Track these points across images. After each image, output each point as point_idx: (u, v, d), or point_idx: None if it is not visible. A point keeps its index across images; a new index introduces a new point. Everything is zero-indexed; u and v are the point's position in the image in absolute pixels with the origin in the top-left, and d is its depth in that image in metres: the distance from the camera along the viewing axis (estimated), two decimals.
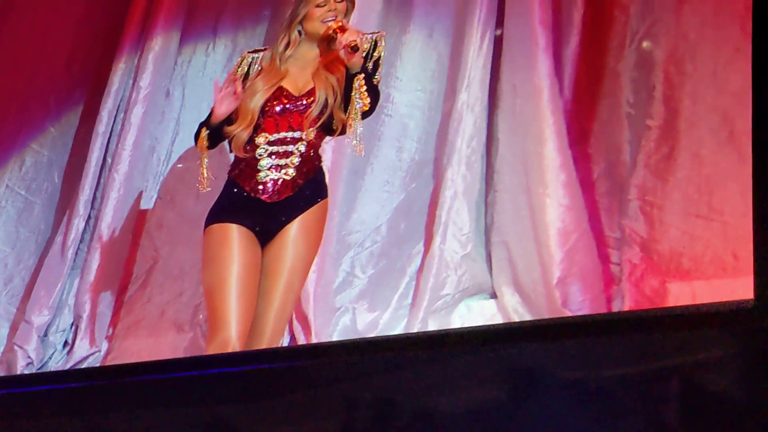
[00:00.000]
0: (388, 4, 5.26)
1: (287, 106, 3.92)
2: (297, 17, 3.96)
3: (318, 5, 3.94)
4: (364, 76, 3.83)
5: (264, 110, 3.92)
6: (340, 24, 3.87)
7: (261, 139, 3.91)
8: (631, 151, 4.65)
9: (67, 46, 6.24)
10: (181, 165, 5.58)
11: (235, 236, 3.83)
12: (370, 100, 3.84)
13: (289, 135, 3.91)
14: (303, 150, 3.91)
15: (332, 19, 3.91)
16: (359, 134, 3.88)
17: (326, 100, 3.91)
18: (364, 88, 3.82)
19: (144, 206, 5.64)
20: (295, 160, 3.90)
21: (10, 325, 5.58)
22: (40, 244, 5.78)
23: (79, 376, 4.00)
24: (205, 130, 3.94)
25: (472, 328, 2.85)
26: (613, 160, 4.73)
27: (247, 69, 4.06)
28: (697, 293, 4.38)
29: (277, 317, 3.84)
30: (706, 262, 4.38)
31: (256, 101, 3.92)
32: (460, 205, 4.88)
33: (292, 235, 3.86)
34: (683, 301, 4.36)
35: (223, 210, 3.92)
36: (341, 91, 3.91)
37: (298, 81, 3.98)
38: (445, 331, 3.94)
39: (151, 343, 5.23)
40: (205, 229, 3.93)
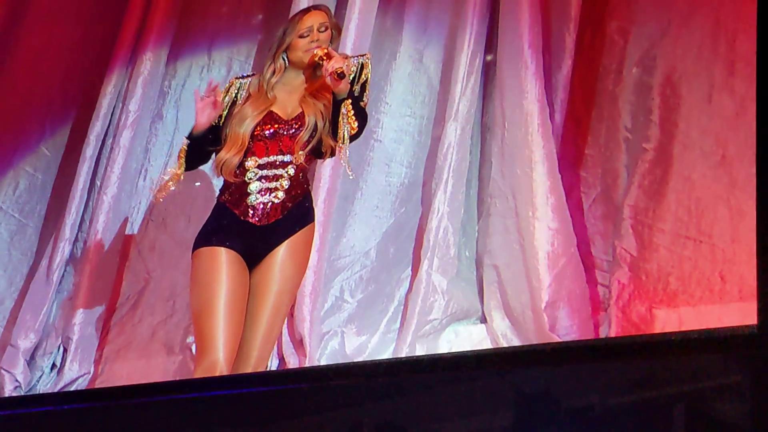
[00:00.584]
0: (379, 28, 5.20)
1: (277, 130, 3.86)
2: (282, 46, 3.93)
3: (301, 35, 3.90)
4: (350, 102, 3.79)
5: (254, 134, 3.86)
6: (326, 51, 3.83)
7: (251, 163, 3.85)
8: (628, 175, 4.59)
9: (63, 69, 6.20)
10: (174, 188, 5.47)
11: (224, 259, 3.76)
12: (357, 124, 3.79)
13: (279, 159, 3.85)
14: (292, 173, 3.85)
15: (316, 48, 3.87)
16: (347, 157, 3.83)
17: (315, 124, 3.86)
18: (352, 113, 3.78)
19: (132, 229, 5.56)
20: (285, 183, 3.83)
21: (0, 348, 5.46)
22: (34, 266, 5.67)
23: (68, 398, 3.91)
24: (186, 140, 3.92)
25: (475, 352, 2.74)
26: (610, 184, 4.68)
27: (235, 94, 4.01)
28: (684, 319, 4.31)
29: (264, 340, 3.78)
30: (693, 284, 4.31)
31: (246, 126, 3.87)
32: (447, 230, 4.79)
33: (280, 259, 3.80)
34: (670, 328, 4.28)
35: (211, 233, 3.85)
36: (329, 115, 3.86)
37: (287, 106, 3.93)
38: (444, 355, 3.85)
39: (141, 365, 5.14)
40: (193, 251, 3.87)
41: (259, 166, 3.83)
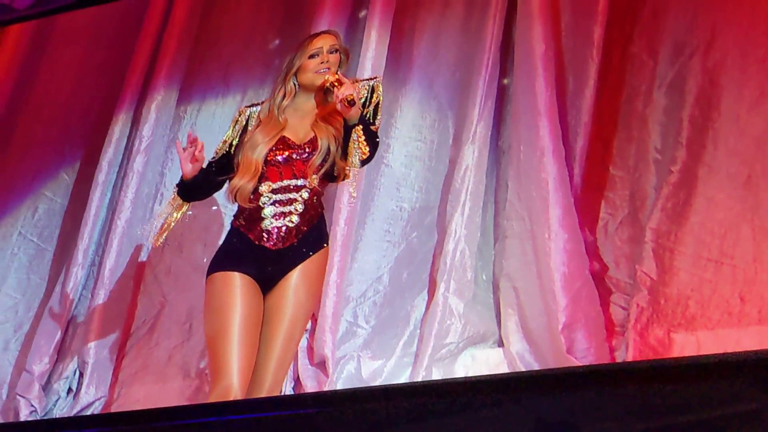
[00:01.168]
0: (390, 54, 5.17)
1: (290, 155, 3.83)
2: (291, 69, 3.93)
3: (311, 56, 3.90)
4: (362, 127, 3.76)
5: (267, 160, 3.84)
6: (337, 77, 3.80)
7: (264, 188, 3.82)
8: (655, 195, 4.53)
9: (82, 95, 6.23)
10: (189, 212, 5.44)
11: (238, 284, 3.73)
12: (369, 149, 3.77)
13: (293, 183, 3.82)
14: (306, 197, 3.82)
15: (325, 70, 3.86)
16: (355, 182, 3.86)
17: (328, 147, 3.84)
18: (363, 138, 3.75)
19: (147, 253, 5.52)
20: (299, 207, 3.80)
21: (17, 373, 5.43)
22: (49, 291, 5.64)
23: (84, 423, 3.88)
24: (176, 188, 3.97)
25: (491, 376, 2.67)
26: (638, 206, 4.61)
27: (245, 123, 4.01)
28: (702, 343, 4.23)
29: (278, 365, 3.72)
30: (712, 307, 4.23)
31: (259, 152, 3.85)
32: (464, 253, 4.73)
33: (293, 283, 3.76)
34: (688, 352, 4.22)
35: (226, 258, 3.82)
36: (341, 139, 3.84)
37: (298, 131, 3.91)
38: (466, 379, 3.79)
39: (157, 389, 5.09)
40: (207, 276, 3.83)
41: (273, 191, 3.80)
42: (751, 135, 4.29)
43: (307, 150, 3.82)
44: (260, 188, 3.80)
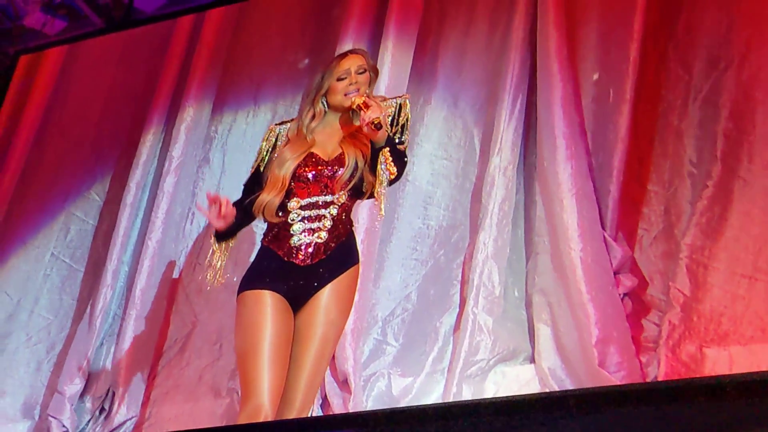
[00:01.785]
0: (413, 72, 5.21)
1: (319, 172, 3.80)
2: (321, 91, 3.89)
3: (339, 78, 3.86)
4: (389, 149, 3.71)
5: (295, 176, 3.80)
6: (363, 100, 3.75)
7: (293, 204, 3.78)
8: (690, 210, 4.49)
9: (114, 116, 6.25)
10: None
11: (268, 303, 3.67)
12: (396, 168, 3.73)
13: (321, 199, 3.78)
14: (335, 213, 3.78)
15: (355, 93, 3.82)
16: (383, 201, 3.76)
17: (356, 164, 3.79)
18: (390, 160, 3.71)
19: (179, 273, 5.51)
20: (327, 223, 3.76)
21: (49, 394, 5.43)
22: (81, 312, 5.65)
23: None
24: (214, 240, 3.91)
25: (523, 396, 2.61)
26: (673, 221, 4.57)
27: (275, 140, 3.97)
28: (734, 359, 4.17)
29: (308, 385, 3.66)
30: (745, 323, 4.18)
31: (287, 168, 3.81)
32: (491, 269, 4.72)
33: (324, 302, 3.70)
34: (720, 367, 4.16)
35: (256, 276, 3.76)
36: (369, 154, 3.80)
37: (326, 147, 3.87)
38: (493, 399, 3.73)
39: (188, 408, 5.06)
40: (238, 295, 3.77)
41: (302, 207, 3.76)
42: None
43: (335, 166, 3.79)
44: (289, 205, 3.77)
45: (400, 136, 3.83)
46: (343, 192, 3.77)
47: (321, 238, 3.73)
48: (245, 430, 3.26)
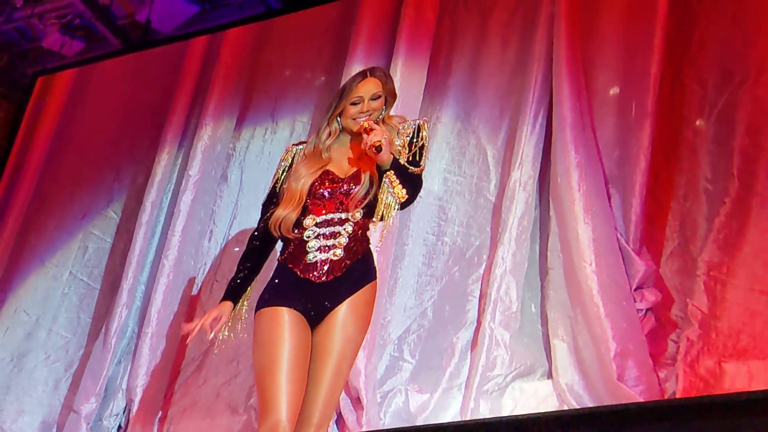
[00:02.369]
0: (426, 89, 5.22)
1: (334, 189, 3.79)
2: (337, 110, 3.88)
3: (353, 103, 3.85)
4: (394, 172, 3.69)
5: (311, 193, 3.79)
6: (367, 125, 3.74)
7: (309, 221, 3.77)
8: (706, 226, 4.47)
9: (131, 134, 6.27)
10: (238, 248, 5.46)
11: (286, 319, 3.65)
12: (406, 191, 3.71)
13: (336, 216, 3.76)
14: (351, 230, 3.76)
15: (366, 119, 3.81)
16: (390, 220, 3.75)
17: (371, 182, 3.78)
18: (397, 182, 3.69)
19: (196, 290, 5.50)
20: (343, 240, 3.74)
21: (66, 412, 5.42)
22: (98, 330, 5.65)
23: None
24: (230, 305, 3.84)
25: (539, 414, 2.59)
26: (689, 237, 4.55)
27: (291, 160, 3.96)
28: (753, 373, 4.13)
29: (326, 401, 3.63)
30: (764, 340, 4.14)
31: (303, 183, 3.80)
32: (509, 284, 4.70)
33: (341, 318, 3.68)
34: (739, 382, 4.14)
35: (273, 294, 3.75)
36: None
37: (342, 165, 3.86)
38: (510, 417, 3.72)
39: (206, 425, 5.05)
40: (256, 312, 3.75)
41: (318, 224, 3.75)
42: None
43: (351, 184, 3.78)
44: (304, 222, 3.75)
45: (417, 159, 3.81)
46: (358, 210, 3.76)
47: (337, 255, 3.71)
48: None
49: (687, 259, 4.48)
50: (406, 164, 3.75)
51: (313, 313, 3.69)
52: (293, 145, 4.04)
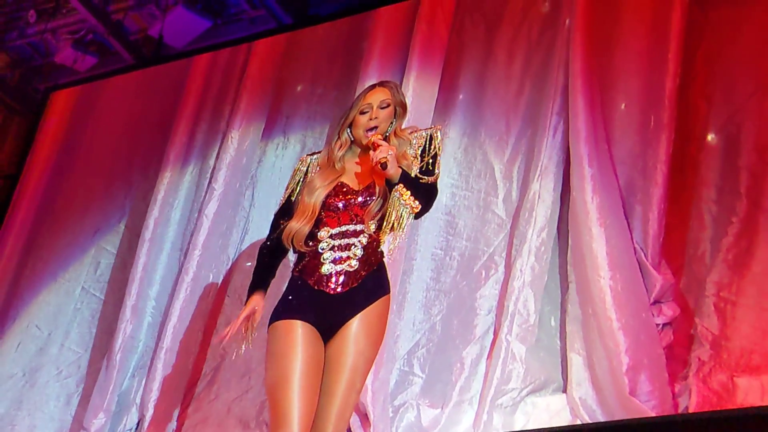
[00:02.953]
0: (436, 105, 5.23)
1: (348, 201, 3.79)
2: (347, 122, 3.90)
3: (362, 112, 3.88)
4: (403, 185, 3.70)
5: (325, 205, 3.79)
6: (374, 140, 3.76)
7: (323, 233, 3.77)
8: (711, 247, 4.43)
9: (143, 150, 6.28)
10: (249, 263, 5.45)
11: (299, 332, 3.65)
12: (419, 202, 3.72)
13: (351, 228, 3.76)
14: (365, 242, 3.76)
15: (374, 129, 3.83)
16: (402, 233, 3.76)
17: (386, 194, 3.78)
18: (408, 194, 3.70)
19: (209, 305, 5.49)
20: (358, 252, 3.74)
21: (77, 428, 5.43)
22: (108, 346, 5.64)
23: None
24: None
25: (554, 429, 2.59)
26: (691, 255, 4.52)
27: (306, 170, 3.97)
28: (766, 388, 4.10)
29: (339, 415, 3.61)
30: None
31: (317, 196, 3.80)
32: (527, 296, 4.69)
33: (354, 332, 3.67)
34: (752, 397, 4.11)
35: (286, 306, 3.74)
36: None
37: (356, 176, 3.87)
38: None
39: None
40: (269, 326, 3.75)
41: (332, 236, 3.74)
42: None
43: (366, 196, 3.79)
44: (319, 234, 3.76)
45: (430, 168, 3.83)
46: (373, 221, 3.76)
47: (352, 266, 3.71)
48: None
49: (691, 278, 4.46)
50: (418, 174, 3.77)
51: (326, 326, 3.69)
52: (307, 155, 4.06)
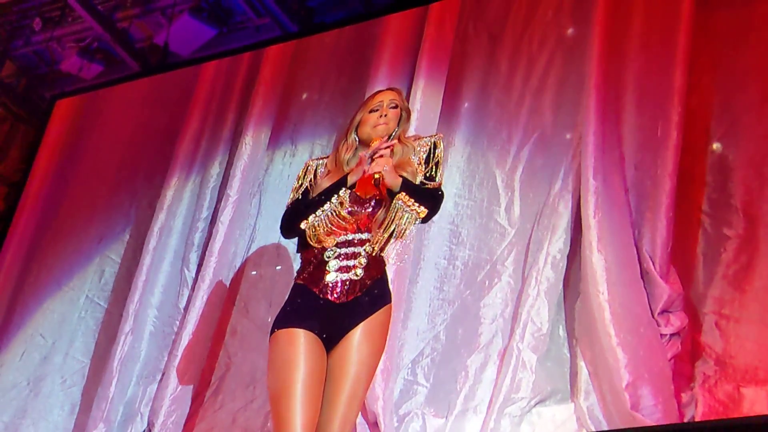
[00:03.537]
0: (441, 114, 5.23)
1: (355, 209, 3.77)
2: (354, 123, 3.91)
3: (372, 110, 3.87)
4: (404, 193, 3.71)
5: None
6: (371, 152, 3.74)
7: (330, 241, 3.76)
8: (705, 262, 4.42)
9: (149, 158, 6.29)
10: (255, 272, 5.45)
11: (302, 341, 3.64)
12: (425, 207, 3.73)
13: (357, 236, 3.76)
14: (370, 251, 3.75)
15: (383, 124, 3.84)
16: (408, 240, 3.74)
17: (390, 202, 3.77)
18: (411, 201, 3.71)
19: (219, 313, 5.48)
20: (363, 260, 3.74)
21: None
22: (111, 355, 5.62)
23: None
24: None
25: None
26: (687, 267, 4.50)
27: (315, 171, 3.97)
28: None
29: (342, 424, 3.60)
30: None
31: None
32: (541, 305, 4.69)
33: (356, 341, 3.66)
34: (759, 406, 4.10)
35: (289, 315, 3.73)
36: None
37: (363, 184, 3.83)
38: None
39: None
40: (271, 334, 3.73)
41: (338, 244, 3.74)
42: None
43: (372, 203, 3.80)
44: (325, 242, 3.76)
45: (433, 174, 3.84)
46: (379, 230, 3.75)
47: (357, 275, 3.71)
48: None
49: (688, 292, 4.46)
50: (423, 180, 3.78)
51: (329, 334, 3.68)
52: (312, 160, 4.04)
